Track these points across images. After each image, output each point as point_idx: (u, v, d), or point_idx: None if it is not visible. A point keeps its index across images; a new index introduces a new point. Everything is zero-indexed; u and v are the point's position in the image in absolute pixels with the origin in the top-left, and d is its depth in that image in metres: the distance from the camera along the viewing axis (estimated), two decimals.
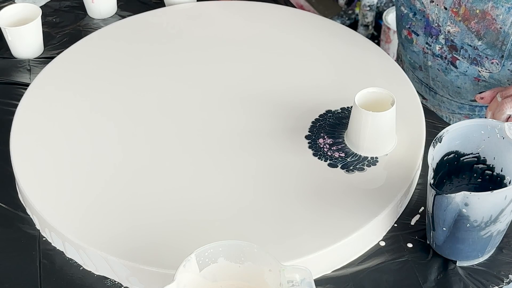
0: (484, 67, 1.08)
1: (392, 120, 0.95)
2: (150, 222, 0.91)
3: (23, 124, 1.04)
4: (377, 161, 0.97)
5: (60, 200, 0.94)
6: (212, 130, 1.03)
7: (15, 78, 1.19)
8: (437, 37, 1.12)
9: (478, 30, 1.05)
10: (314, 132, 1.01)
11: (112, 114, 1.06)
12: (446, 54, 1.12)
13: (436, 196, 0.83)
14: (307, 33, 1.20)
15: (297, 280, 0.74)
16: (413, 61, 1.21)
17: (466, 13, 1.05)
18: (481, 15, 1.04)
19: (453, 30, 1.08)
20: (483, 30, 1.04)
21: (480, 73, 1.10)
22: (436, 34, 1.12)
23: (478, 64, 1.08)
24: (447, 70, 1.14)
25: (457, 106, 1.20)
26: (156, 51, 1.18)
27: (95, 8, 1.32)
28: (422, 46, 1.15)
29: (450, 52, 1.11)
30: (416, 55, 1.19)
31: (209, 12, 1.26)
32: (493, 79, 1.10)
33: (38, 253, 0.92)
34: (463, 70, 1.11)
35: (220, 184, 0.95)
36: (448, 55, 1.12)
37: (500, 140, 0.87)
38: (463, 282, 0.87)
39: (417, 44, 1.17)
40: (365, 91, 0.96)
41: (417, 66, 1.21)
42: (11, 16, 1.23)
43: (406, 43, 1.20)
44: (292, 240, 0.88)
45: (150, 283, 0.87)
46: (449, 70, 1.13)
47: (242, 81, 1.11)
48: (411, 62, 1.22)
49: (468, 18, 1.05)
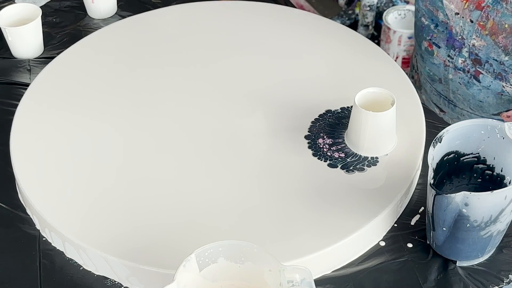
0: (509, 82, 1.05)
1: (392, 120, 0.95)
2: (150, 222, 0.91)
3: (23, 124, 1.04)
4: (377, 161, 0.97)
5: (60, 200, 0.94)
6: (212, 130, 1.03)
7: (15, 78, 1.19)
8: (460, 50, 1.09)
9: (505, 45, 1.02)
10: (313, 132, 1.01)
11: (112, 114, 1.06)
12: (469, 68, 1.09)
13: (436, 196, 0.83)
14: (307, 33, 1.20)
15: (297, 280, 0.74)
16: (432, 73, 1.18)
17: (494, 27, 1.02)
18: (509, 30, 1.01)
19: (478, 44, 1.05)
20: (511, 45, 1.02)
21: (504, 88, 1.07)
22: (459, 47, 1.09)
23: (503, 79, 1.05)
24: (469, 84, 1.11)
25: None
26: (156, 51, 1.18)
27: (95, 8, 1.32)
28: (444, 59, 1.12)
29: (474, 66, 1.08)
30: (436, 68, 1.16)
31: (209, 12, 1.26)
32: None
33: (38, 253, 0.92)
34: (486, 84, 1.08)
35: (219, 184, 0.95)
36: (471, 68, 1.09)
37: (500, 140, 0.87)
38: (463, 282, 0.87)
39: (438, 56, 1.14)
40: (365, 91, 0.96)
41: (437, 78, 1.18)
42: (11, 16, 1.23)
43: (426, 55, 1.17)
44: (292, 240, 0.88)
45: (150, 283, 0.87)
46: (471, 84, 1.10)
47: (242, 81, 1.11)
48: (430, 75, 1.19)
49: (495, 33, 1.02)
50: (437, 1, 1.10)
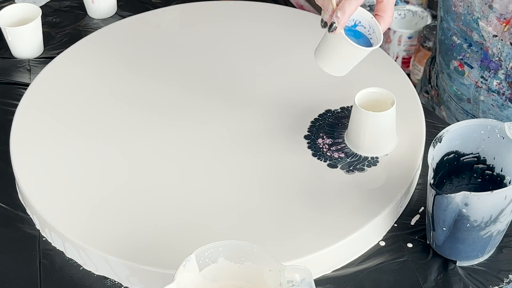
0: None
1: (392, 120, 0.95)
2: (150, 222, 0.91)
3: (23, 124, 1.04)
4: (377, 161, 0.97)
5: (60, 200, 0.94)
6: (212, 130, 1.03)
7: (15, 78, 1.19)
8: (496, 72, 1.05)
9: None
10: (313, 132, 1.01)
11: (112, 114, 1.06)
12: (504, 90, 1.05)
13: (436, 196, 0.83)
14: (307, 33, 1.20)
15: (297, 280, 0.74)
16: (460, 93, 1.13)
17: None
18: None
19: None
20: None
21: None
22: (495, 69, 1.05)
23: None
24: (503, 106, 1.07)
25: None
26: (156, 51, 1.18)
27: (95, 8, 1.31)
28: (476, 80, 1.08)
29: (510, 89, 1.04)
30: (466, 88, 1.11)
31: (209, 12, 1.26)
32: None
33: (38, 253, 0.92)
34: None
35: (219, 184, 0.95)
36: (506, 91, 1.05)
37: (500, 140, 0.87)
38: (463, 282, 0.87)
39: (469, 77, 1.09)
40: (365, 91, 0.96)
41: (465, 98, 1.13)
42: (11, 16, 1.23)
43: (455, 75, 1.12)
44: (292, 240, 0.88)
45: (150, 283, 0.87)
46: (506, 106, 1.07)
47: (242, 81, 1.11)
48: (458, 94, 1.14)
49: None
50: (472, 22, 1.04)
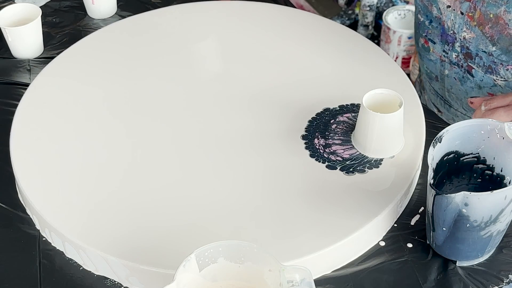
0: (499, 75, 1.06)
1: (400, 122, 0.95)
2: (149, 222, 0.91)
3: (23, 124, 1.04)
4: (380, 163, 0.96)
5: (60, 200, 0.94)
6: (212, 130, 1.03)
7: (15, 78, 1.19)
8: (453, 45, 1.10)
9: (492, 35, 1.03)
10: (310, 131, 1.01)
11: (112, 114, 1.06)
12: (462, 63, 1.10)
13: (436, 196, 0.83)
14: (307, 33, 1.20)
15: (297, 280, 0.74)
16: (429, 71, 1.19)
17: (481, 18, 1.02)
18: (494, 20, 1.01)
19: (469, 36, 1.06)
20: (497, 35, 1.02)
21: (496, 82, 1.07)
22: (452, 42, 1.10)
23: (493, 73, 1.06)
24: (463, 79, 1.11)
25: None
26: (156, 51, 1.18)
27: (95, 8, 1.32)
28: (439, 54, 1.13)
29: (466, 61, 1.08)
30: (433, 64, 1.17)
31: (209, 12, 1.26)
32: (509, 87, 1.07)
33: (38, 253, 0.92)
34: (479, 79, 1.09)
35: (219, 184, 0.95)
36: (464, 63, 1.09)
37: (500, 140, 0.87)
38: (463, 282, 0.87)
39: (434, 52, 1.14)
40: (372, 92, 0.95)
41: (434, 76, 1.18)
42: (11, 16, 1.23)
43: (423, 52, 1.18)
44: (292, 240, 0.88)
45: (150, 283, 0.87)
46: (466, 79, 1.11)
47: (242, 81, 1.11)
48: (428, 72, 1.19)
49: (482, 23, 1.03)
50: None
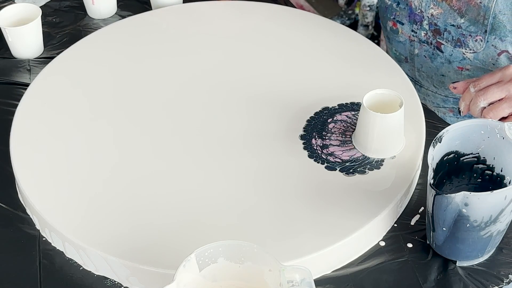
0: (468, 47, 1.10)
1: (400, 122, 0.95)
2: (150, 222, 0.91)
3: (23, 124, 1.04)
4: (381, 164, 0.96)
5: (60, 200, 0.94)
6: (212, 130, 1.03)
7: (15, 78, 1.19)
8: (421, 23, 1.14)
9: (459, 8, 1.08)
10: (308, 131, 1.01)
11: (112, 114, 1.06)
12: (431, 40, 1.14)
13: (436, 196, 0.83)
14: (307, 33, 1.20)
15: (297, 280, 0.74)
16: (399, 53, 1.23)
17: None
18: None
19: (436, 12, 1.10)
20: (464, 6, 1.07)
21: (465, 55, 1.11)
22: (420, 20, 1.14)
23: (462, 45, 1.10)
24: (433, 56, 1.16)
25: (441, 99, 1.22)
26: (156, 51, 1.18)
27: (95, 8, 1.31)
28: (408, 35, 1.18)
29: (434, 37, 1.13)
30: (402, 46, 1.21)
31: (209, 12, 1.26)
32: (477, 60, 1.11)
33: (38, 253, 0.92)
34: (449, 53, 1.13)
35: (219, 184, 0.95)
36: (433, 40, 1.14)
37: (500, 140, 0.87)
38: (463, 282, 0.87)
39: (403, 34, 1.19)
40: (373, 92, 0.95)
41: (403, 58, 1.23)
42: (11, 16, 1.23)
43: (391, 35, 1.22)
44: (292, 240, 0.88)
45: (150, 283, 0.87)
46: (435, 55, 1.16)
47: (242, 81, 1.11)
48: (397, 55, 1.24)
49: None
50: None
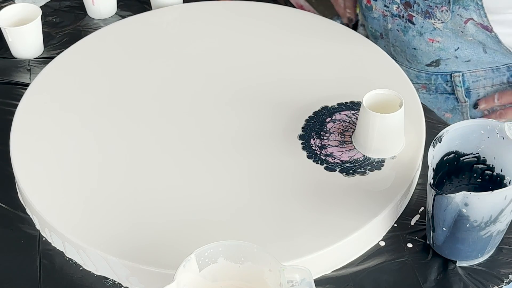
0: (436, 18, 1.14)
1: (400, 122, 0.95)
2: (150, 222, 0.91)
3: (23, 124, 1.04)
4: (382, 165, 0.96)
5: (60, 200, 0.94)
6: (211, 130, 1.03)
7: (15, 78, 1.19)
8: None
9: None
10: (307, 131, 1.01)
11: (112, 114, 1.06)
12: (403, 13, 1.19)
13: (436, 196, 0.83)
14: (307, 33, 1.20)
15: (297, 280, 0.74)
16: (374, 30, 1.27)
17: None
18: None
19: None
20: None
21: (435, 26, 1.15)
22: None
23: (431, 17, 1.15)
24: (405, 29, 1.20)
25: (414, 75, 1.25)
26: (156, 51, 1.18)
27: (95, 9, 1.31)
28: (382, 10, 1.22)
29: (406, 10, 1.18)
30: (377, 22, 1.26)
31: (209, 12, 1.26)
32: (447, 29, 1.14)
33: (38, 253, 0.92)
34: (420, 25, 1.18)
35: (219, 184, 0.95)
36: (404, 13, 1.19)
37: (500, 140, 0.87)
38: (463, 282, 0.87)
39: (376, 10, 1.24)
40: (373, 92, 0.95)
41: (378, 34, 1.27)
42: (11, 16, 1.23)
43: (366, 12, 1.27)
44: (292, 240, 0.88)
45: (150, 283, 0.87)
46: (407, 28, 1.20)
47: (242, 81, 1.11)
48: (373, 32, 1.28)
49: None
50: None
